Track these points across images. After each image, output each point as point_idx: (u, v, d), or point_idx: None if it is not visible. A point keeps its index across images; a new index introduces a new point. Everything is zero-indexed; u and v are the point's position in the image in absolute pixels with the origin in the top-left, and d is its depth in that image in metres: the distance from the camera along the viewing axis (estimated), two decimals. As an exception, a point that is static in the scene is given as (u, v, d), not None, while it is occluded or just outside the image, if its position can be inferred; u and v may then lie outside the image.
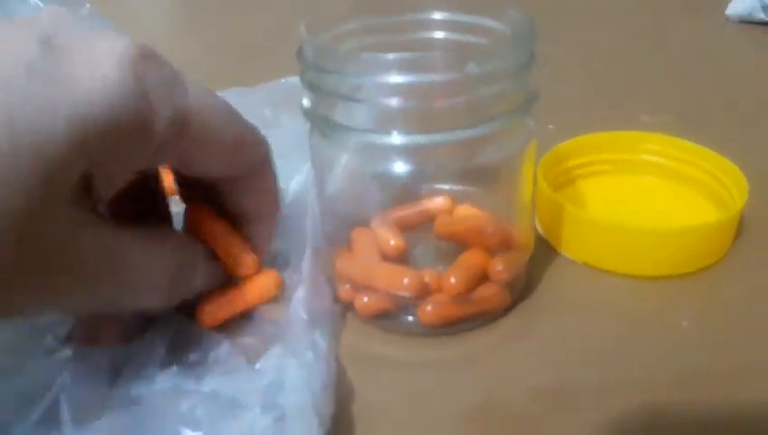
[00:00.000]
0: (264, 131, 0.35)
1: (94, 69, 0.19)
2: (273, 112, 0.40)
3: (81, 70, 0.19)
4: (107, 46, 0.20)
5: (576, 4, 0.72)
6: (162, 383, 0.23)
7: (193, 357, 0.25)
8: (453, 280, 0.26)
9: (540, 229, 0.34)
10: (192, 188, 0.27)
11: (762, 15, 0.60)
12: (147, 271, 0.23)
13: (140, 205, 0.27)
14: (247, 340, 0.27)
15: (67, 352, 0.25)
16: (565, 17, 0.67)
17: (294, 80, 0.41)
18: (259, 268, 0.28)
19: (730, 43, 0.60)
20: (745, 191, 0.31)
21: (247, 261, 0.27)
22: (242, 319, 0.28)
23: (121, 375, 0.24)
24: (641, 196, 0.36)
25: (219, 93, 0.31)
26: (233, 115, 0.25)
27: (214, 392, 0.23)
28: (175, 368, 0.24)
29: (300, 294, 0.26)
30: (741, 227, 0.33)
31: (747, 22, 0.62)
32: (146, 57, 0.21)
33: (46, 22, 0.20)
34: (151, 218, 0.26)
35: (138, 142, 0.21)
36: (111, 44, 0.20)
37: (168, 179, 0.28)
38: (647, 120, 0.44)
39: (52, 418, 0.22)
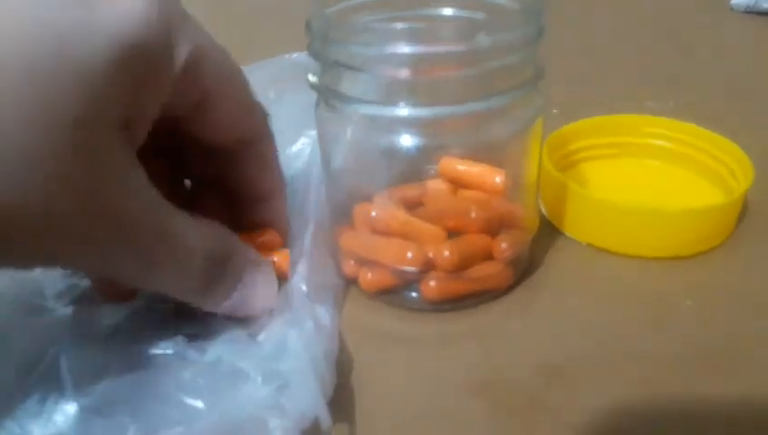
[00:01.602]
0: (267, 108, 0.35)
1: (127, 3, 0.19)
2: (277, 92, 0.39)
3: (115, 3, 0.19)
4: None
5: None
6: (164, 350, 0.23)
7: (196, 328, 0.25)
8: (446, 253, 0.26)
9: (544, 210, 0.34)
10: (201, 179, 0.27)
11: (766, 5, 0.60)
12: (184, 246, 0.22)
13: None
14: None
15: (67, 310, 0.25)
16: (571, 4, 0.67)
17: (297, 56, 0.41)
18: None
19: (735, 32, 0.59)
20: (750, 174, 0.31)
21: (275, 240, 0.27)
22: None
23: (124, 340, 0.24)
24: (645, 179, 0.36)
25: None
26: (239, 70, 0.25)
27: (215, 362, 0.23)
28: (179, 337, 0.24)
29: (301, 268, 0.26)
30: (745, 210, 0.33)
31: (752, 12, 0.61)
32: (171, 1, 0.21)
33: None
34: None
35: (163, 68, 0.21)
36: None
37: None
38: (652, 106, 0.44)
39: (52, 376, 0.22)
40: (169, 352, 0.24)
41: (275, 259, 0.27)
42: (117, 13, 0.18)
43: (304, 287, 0.25)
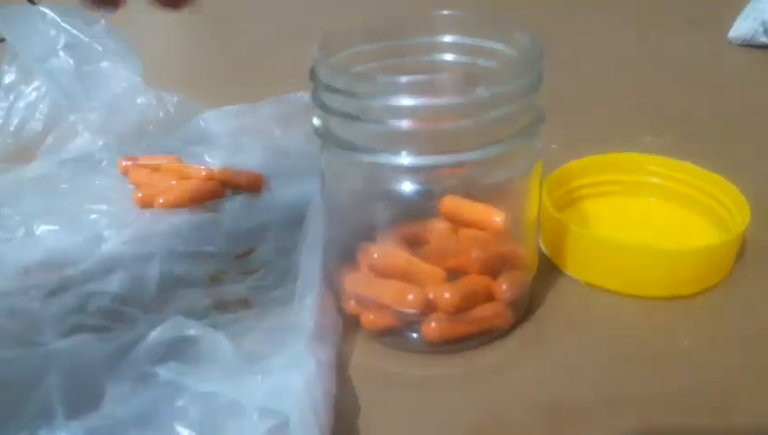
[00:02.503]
0: (272, 148, 0.35)
1: None
2: (283, 129, 0.40)
3: None
4: None
5: (579, 26, 0.72)
6: (161, 378, 0.24)
7: (194, 356, 0.25)
8: (447, 295, 0.27)
9: (544, 249, 0.34)
10: None
11: (763, 39, 0.61)
12: None
13: None
14: (251, 344, 0.27)
15: (63, 343, 0.26)
16: (569, 38, 0.68)
17: (303, 95, 0.42)
18: None
19: (732, 65, 0.60)
20: (747, 214, 0.32)
21: None
22: (247, 325, 0.28)
23: (121, 367, 0.24)
24: (644, 217, 0.36)
25: (229, 108, 0.32)
26: None
27: (212, 393, 0.23)
28: (174, 364, 0.24)
29: (309, 303, 0.26)
30: (743, 250, 0.33)
31: (749, 45, 0.62)
32: None
33: None
34: None
35: None
36: None
37: None
38: (650, 141, 0.45)
39: (45, 407, 0.22)
40: (165, 378, 0.24)
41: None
42: None
43: (310, 322, 0.26)
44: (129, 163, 0.39)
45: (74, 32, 0.39)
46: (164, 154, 0.41)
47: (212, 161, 0.40)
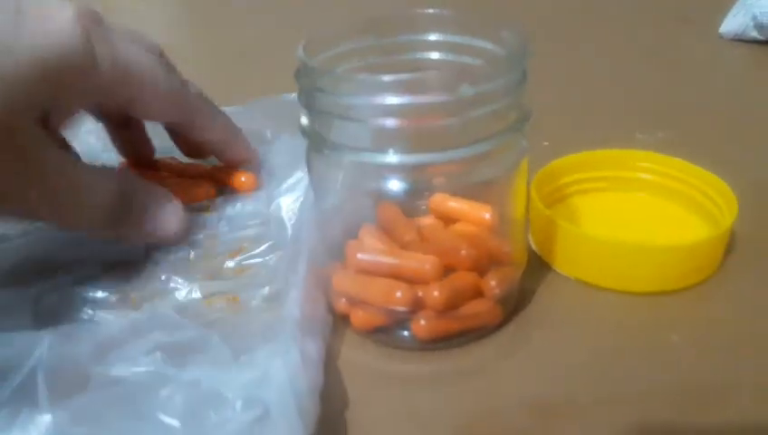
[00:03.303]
0: (262, 147, 0.36)
1: (53, 24, 0.25)
2: (273, 129, 0.40)
3: (42, 25, 0.25)
4: (65, 11, 0.26)
5: (570, 22, 0.72)
6: (145, 368, 0.24)
7: (179, 346, 0.25)
8: (436, 293, 0.27)
9: (533, 245, 0.34)
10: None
11: (754, 33, 0.61)
12: (93, 190, 0.28)
13: None
14: (236, 335, 0.26)
15: (49, 326, 0.26)
16: (560, 35, 0.68)
17: (294, 96, 0.42)
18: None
19: (724, 60, 0.60)
20: (735, 208, 0.32)
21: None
22: (234, 321, 0.28)
23: (104, 355, 0.24)
24: (634, 213, 0.36)
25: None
26: (167, 73, 0.31)
27: (195, 381, 0.23)
28: (159, 354, 0.24)
29: (294, 295, 0.27)
30: (732, 244, 0.33)
31: (740, 40, 0.62)
32: (94, 20, 0.27)
33: None
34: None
35: (86, 78, 0.27)
36: (68, 9, 0.26)
37: None
38: (641, 137, 0.45)
39: (28, 390, 0.22)
40: (149, 368, 0.24)
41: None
42: (42, 30, 0.24)
43: (297, 314, 0.26)
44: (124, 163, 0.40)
45: None
46: (158, 153, 0.41)
47: (203, 161, 0.40)
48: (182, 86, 0.32)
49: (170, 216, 0.32)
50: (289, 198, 0.35)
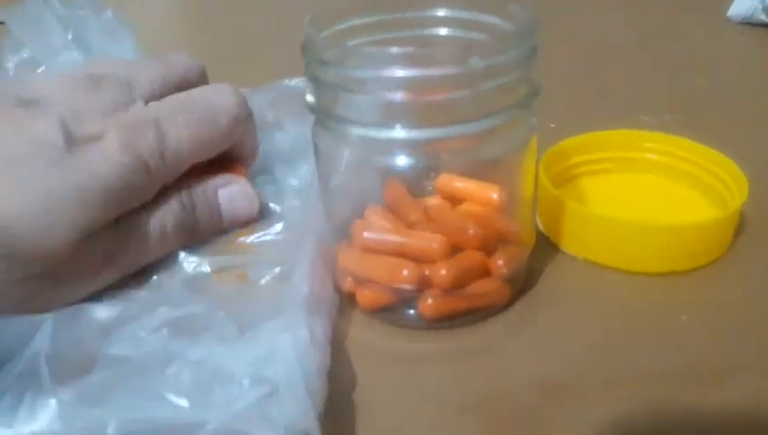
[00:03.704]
0: (265, 134, 0.36)
1: (103, 153, 0.27)
2: (275, 114, 0.40)
3: (95, 155, 0.27)
4: (108, 136, 0.27)
5: (577, 4, 0.72)
6: (151, 346, 0.23)
7: (185, 321, 0.25)
8: (443, 272, 0.27)
9: (541, 226, 0.34)
10: None
11: (763, 17, 0.60)
12: (154, 232, 0.30)
13: None
14: (243, 311, 0.26)
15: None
16: (567, 17, 0.67)
17: (296, 81, 0.41)
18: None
19: (731, 44, 0.60)
20: (745, 189, 0.31)
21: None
22: (242, 297, 0.28)
23: (109, 335, 0.24)
24: (642, 194, 0.36)
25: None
26: (212, 121, 0.31)
27: (201, 359, 0.23)
28: (165, 331, 0.24)
29: (302, 274, 0.26)
30: (741, 225, 0.33)
31: (749, 23, 0.62)
32: (135, 129, 0.28)
33: (59, 108, 0.27)
34: None
35: (146, 186, 0.29)
36: (110, 134, 0.27)
37: None
38: (648, 119, 0.45)
39: (31, 372, 0.22)
40: (155, 346, 0.24)
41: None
42: (90, 173, 0.26)
43: (305, 292, 0.26)
44: None
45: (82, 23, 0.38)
46: None
47: None
48: (229, 128, 0.32)
49: (244, 197, 0.33)
50: (296, 180, 0.35)
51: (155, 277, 0.30)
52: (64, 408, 0.21)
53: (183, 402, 0.21)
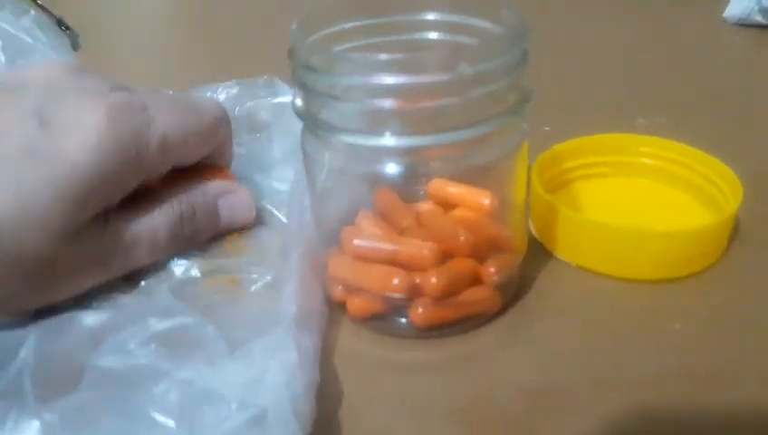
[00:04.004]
0: (254, 134, 0.35)
1: (83, 139, 0.25)
2: (266, 114, 0.40)
3: (72, 142, 0.25)
4: (91, 117, 0.25)
5: (570, 5, 0.71)
6: (138, 360, 0.23)
7: (174, 336, 0.25)
8: (434, 280, 0.26)
9: (534, 232, 0.34)
10: None
11: (759, 18, 0.60)
12: (150, 236, 0.29)
13: None
14: (232, 324, 0.26)
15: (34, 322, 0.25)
16: (561, 19, 0.67)
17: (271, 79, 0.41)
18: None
19: (727, 45, 0.59)
20: (740, 194, 0.31)
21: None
22: (232, 307, 0.28)
23: (97, 345, 0.24)
24: (636, 198, 0.36)
25: (208, 90, 0.39)
26: (196, 117, 0.30)
27: (190, 379, 0.23)
28: (153, 347, 0.24)
29: (290, 288, 0.26)
30: (736, 230, 0.33)
31: (745, 24, 0.61)
32: (122, 110, 0.26)
33: (36, 94, 0.26)
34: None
35: (129, 175, 0.27)
36: (94, 114, 0.26)
37: None
38: (643, 122, 0.44)
39: (14, 392, 0.22)
40: (143, 362, 0.23)
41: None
42: (71, 159, 0.25)
43: (294, 309, 0.25)
44: None
45: (3, 25, 0.37)
46: None
47: None
48: (212, 126, 0.31)
49: (243, 204, 0.32)
50: (281, 184, 0.35)
51: (143, 282, 0.29)
52: (47, 430, 0.21)
53: (170, 423, 0.21)
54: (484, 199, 0.29)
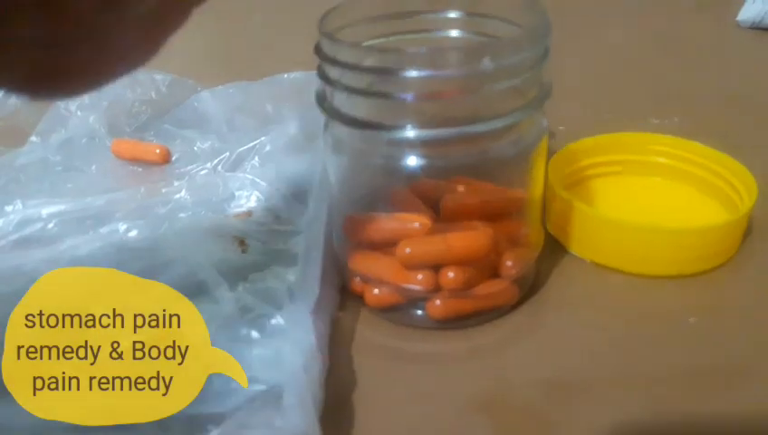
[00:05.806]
0: (265, 127, 0.36)
1: None
2: (275, 107, 0.40)
3: None
4: None
5: (587, 8, 0.72)
6: None
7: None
8: (451, 275, 0.27)
9: (550, 229, 0.34)
10: None
11: (773, 21, 0.60)
12: None
13: None
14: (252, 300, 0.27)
15: None
16: (578, 20, 0.67)
17: (298, 75, 0.42)
18: None
19: (740, 47, 0.60)
20: (755, 193, 0.31)
21: None
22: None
23: None
24: (650, 196, 0.36)
25: (223, 87, 0.34)
26: None
27: None
28: None
29: (311, 274, 0.26)
30: (750, 228, 0.33)
31: (758, 27, 0.62)
32: None
33: None
34: None
35: None
36: None
37: None
38: (657, 122, 0.45)
39: None
40: None
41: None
42: None
43: (317, 292, 0.26)
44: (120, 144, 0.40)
45: None
46: (155, 135, 0.41)
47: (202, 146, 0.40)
48: None
49: None
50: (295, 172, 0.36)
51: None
52: None
53: None
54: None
